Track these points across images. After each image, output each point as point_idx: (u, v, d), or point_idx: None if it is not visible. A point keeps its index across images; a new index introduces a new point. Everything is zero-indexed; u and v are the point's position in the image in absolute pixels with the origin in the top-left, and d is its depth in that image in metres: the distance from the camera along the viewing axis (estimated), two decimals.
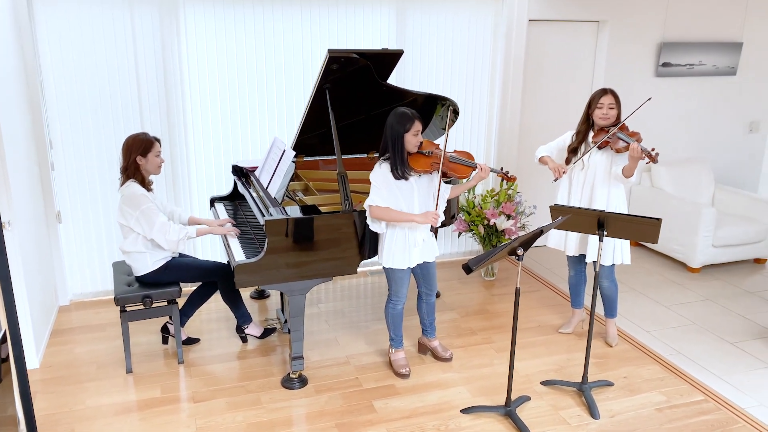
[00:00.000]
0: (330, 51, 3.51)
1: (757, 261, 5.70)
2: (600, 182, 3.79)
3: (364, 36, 4.88)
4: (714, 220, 5.21)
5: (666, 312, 4.64)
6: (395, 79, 4.88)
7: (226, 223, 3.94)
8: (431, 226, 3.49)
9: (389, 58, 3.85)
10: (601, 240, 3.34)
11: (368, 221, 3.42)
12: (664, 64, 5.74)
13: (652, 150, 3.47)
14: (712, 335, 4.30)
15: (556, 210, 3.38)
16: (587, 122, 3.83)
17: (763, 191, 6.73)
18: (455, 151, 3.52)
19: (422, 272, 3.67)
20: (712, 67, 5.93)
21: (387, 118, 3.31)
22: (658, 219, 3.17)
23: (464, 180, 3.41)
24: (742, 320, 4.54)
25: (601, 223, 3.32)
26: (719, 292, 5.03)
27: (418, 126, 3.26)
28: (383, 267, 3.52)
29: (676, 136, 6.04)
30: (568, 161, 3.91)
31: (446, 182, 3.63)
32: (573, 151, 3.87)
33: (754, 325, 4.47)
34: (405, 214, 3.31)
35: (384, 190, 3.31)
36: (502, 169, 3.59)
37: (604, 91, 3.74)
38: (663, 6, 5.62)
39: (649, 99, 3.90)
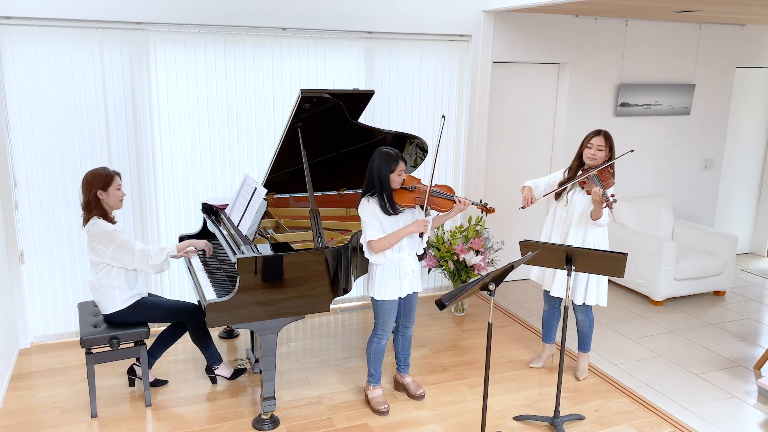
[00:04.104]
0: (302, 91, 3.56)
1: (717, 293, 5.86)
2: (576, 221, 3.87)
3: (334, 75, 4.96)
4: (675, 254, 5.37)
5: (632, 345, 4.72)
6: (365, 117, 4.96)
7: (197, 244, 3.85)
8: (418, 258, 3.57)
9: (361, 98, 3.93)
10: (569, 275, 3.42)
11: (368, 256, 3.49)
12: (623, 104, 5.97)
13: (612, 196, 3.56)
14: (677, 367, 4.39)
15: (526, 245, 3.45)
16: (579, 159, 3.92)
17: (719, 226, 6.97)
18: (436, 186, 3.57)
19: (405, 303, 3.71)
20: (668, 107, 6.19)
21: (371, 157, 3.41)
22: (624, 253, 3.26)
23: (445, 212, 3.52)
24: (706, 352, 4.65)
25: (569, 258, 3.40)
26: (682, 324, 5.15)
27: (402, 166, 3.39)
28: (372, 300, 3.56)
29: (636, 172, 6.25)
30: (558, 195, 3.97)
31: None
32: (562, 184, 3.93)
33: (717, 356, 4.58)
34: (399, 231, 3.41)
35: (377, 222, 3.42)
36: (481, 201, 3.67)
37: (597, 132, 3.81)
38: (620, 49, 5.88)
39: (631, 151, 4.04)
